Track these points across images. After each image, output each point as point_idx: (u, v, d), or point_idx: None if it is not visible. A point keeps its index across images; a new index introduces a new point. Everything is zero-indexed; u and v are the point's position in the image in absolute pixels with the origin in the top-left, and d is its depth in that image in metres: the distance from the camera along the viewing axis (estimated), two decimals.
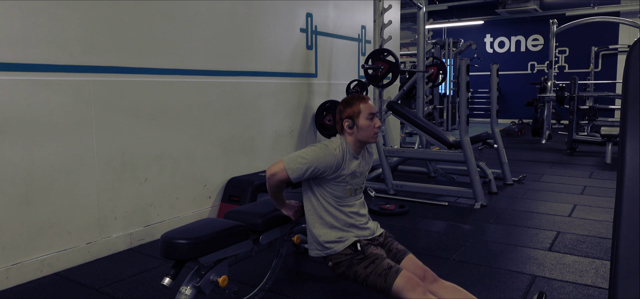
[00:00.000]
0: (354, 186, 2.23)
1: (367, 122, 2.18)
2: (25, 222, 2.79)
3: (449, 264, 2.99)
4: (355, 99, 2.21)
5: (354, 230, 2.21)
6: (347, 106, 2.21)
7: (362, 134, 2.19)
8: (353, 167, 2.20)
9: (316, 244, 2.23)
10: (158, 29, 3.50)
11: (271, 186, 2.20)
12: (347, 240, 2.17)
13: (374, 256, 2.10)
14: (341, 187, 2.18)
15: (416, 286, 1.95)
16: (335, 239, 2.18)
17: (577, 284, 2.67)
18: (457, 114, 11.42)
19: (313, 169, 2.10)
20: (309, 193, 2.23)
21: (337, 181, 2.16)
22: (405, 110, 5.21)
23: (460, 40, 12.30)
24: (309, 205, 2.24)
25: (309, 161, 2.08)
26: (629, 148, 0.97)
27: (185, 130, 3.74)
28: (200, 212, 3.91)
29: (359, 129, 2.18)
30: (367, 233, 2.25)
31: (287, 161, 2.11)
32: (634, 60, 0.97)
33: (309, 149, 2.13)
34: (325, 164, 2.10)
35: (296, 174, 2.09)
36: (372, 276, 2.04)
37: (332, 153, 2.12)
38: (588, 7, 12.26)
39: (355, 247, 2.15)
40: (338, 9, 5.71)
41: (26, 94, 2.76)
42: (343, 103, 2.23)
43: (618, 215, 0.97)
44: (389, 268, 2.02)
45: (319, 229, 2.21)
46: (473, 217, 4.04)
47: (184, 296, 1.95)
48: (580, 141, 7.65)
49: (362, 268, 2.09)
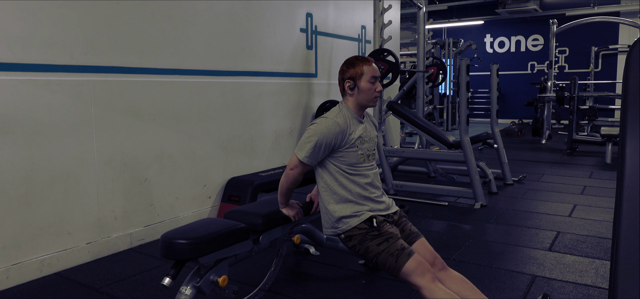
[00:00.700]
0: (365, 151, 2.19)
1: (369, 85, 2.16)
2: (25, 222, 2.79)
3: (449, 264, 2.96)
4: (359, 60, 2.18)
5: (369, 203, 2.16)
6: (350, 67, 2.17)
7: (362, 96, 2.17)
8: (359, 132, 2.17)
9: (331, 221, 2.19)
10: (158, 29, 3.50)
11: (290, 180, 2.18)
12: (363, 215, 2.13)
13: (389, 235, 2.07)
14: (353, 153, 2.14)
15: (426, 271, 1.94)
16: (351, 213, 2.14)
17: (577, 284, 2.67)
18: (457, 114, 11.42)
19: (325, 144, 2.08)
20: (320, 170, 2.20)
21: (348, 147, 2.13)
22: (405, 110, 5.21)
23: (460, 40, 12.30)
24: (322, 182, 2.21)
25: (317, 138, 2.07)
26: (629, 148, 0.97)
27: (185, 130, 3.74)
28: (200, 212, 3.91)
29: (360, 91, 2.16)
30: (382, 206, 2.20)
31: (297, 151, 2.11)
32: (634, 60, 0.97)
33: (310, 129, 2.12)
34: (333, 134, 2.08)
35: (310, 155, 2.09)
36: (384, 255, 2.02)
37: (334, 121, 2.11)
38: (588, 7, 12.26)
39: (371, 222, 2.11)
40: (338, 9, 5.71)
41: (26, 94, 2.76)
42: (346, 63, 2.20)
43: (618, 215, 0.97)
44: (402, 249, 2.00)
45: (334, 205, 2.17)
46: (473, 218, 4.04)
47: (184, 296, 1.95)
48: (580, 141, 7.65)
49: (375, 244, 2.07)
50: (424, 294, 1.91)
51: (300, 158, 2.11)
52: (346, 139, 2.12)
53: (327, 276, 2.85)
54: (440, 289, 1.92)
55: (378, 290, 2.64)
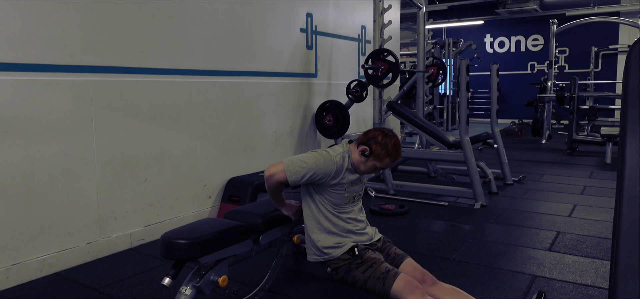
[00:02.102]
0: (352, 193, 2.23)
1: (373, 169, 2.19)
2: (25, 222, 2.79)
3: (449, 264, 2.99)
4: (390, 152, 2.15)
5: (352, 236, 2.21)
6: (380, 145, 2.14)
7: (362, 168, 2.19)
8: (352, 177, 2.21)
9: (314, 249, 2.24)
10: (158, 29, 3.50)
11: (270, 186, 2.20)
12: (345, 245, 2.17)
13: (372, 261, 2.10)
14: (339, 195, 2.18)
15: (415, 288, 1.96)
16: (333, 244, 2.18)
17: (577, 284, 2.67)
18: (457, 114, 11.42)
19: (312, 175, 2.10)
20: (308, 198, 2.23)
21: (335, 188, 2.17)
22: (405, 110, 5.21)
23: (460, 40, 12.30)
24: (308, 210, 2.24)
25: (308, 166, 2.08)
26: (629, 148, 0.97)
27: (185, 130, 3.74)
28: (200, 212, 3.91)
29: (364, 164, 2.18)
30: (365, 238, 2.25)
31: (286, 164, 2.10)
32: (634, 60, 0.97)
33: (310, 155, 2.13)
34: (325, 171, 2.11)
35: (294, 177, 2.09)
36: (371, 280, 2.05)
37: (333, 160, 2.12)
38: (588, 7, 12.26)
39: (353, 252, 2.15)
40: (338, 9, 5.71)
41: (26, 94, 2.76)
42: (382, 137, 2.15)
43: (618, 215, 0.97)
44: (387, 272, 2.03)
45: (317, 234, 2.21)
46: (473, 217, 4.04)
47: (184, 296, 1.95)
48: (580, 141, 7.65)
49: (360, 272, 2.10)
50: None
51: (285, 171, 2.10)
52: (337, 181, 2.15)
53: (327, 276, 2.84)
54: None
55: None
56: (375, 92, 4.98)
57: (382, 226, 3.73)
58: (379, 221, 3.87)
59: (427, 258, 3.06)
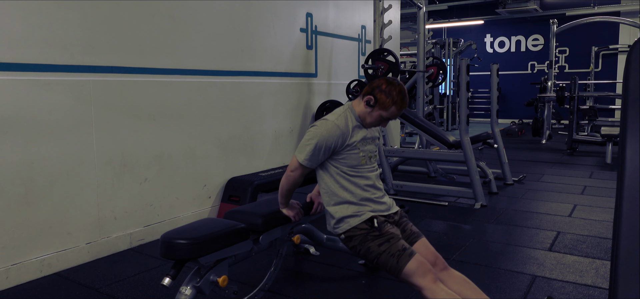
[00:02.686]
0: (367, 153, 2.18)
1: (379, 119, 2.15)
2: (25, 223, 2.79)
3: (449, 264, 2.97)
4: (395, 99, 2.11)
5: (370, 204, 2.16)
6: (385, 92, 2.11)
7: (367, 118, 2.16)
8: (362, 134, 2.17)
9: (333, 222, 2.20)
10: (158, 29, 3.49)
11: (290, 182, 2.18)
12: (364, 215, 2.13)
13: (390, 235, 2.07)
14: (354, 155, 2.14)
15: (427, 272, 1.94)
16: (352, 213, 2.14)
17: (577, 284, 2.67)
18: (457, 114, 11.42)
19: (325, 147, 2.07)
20: (322, 172, 2.20)
21: (349, 150, 2.13)
22: (405, 110, 5.21)
23: (460, 40, 12.30)
24: (323, 184, 2.20)
25: (316, 141, 2.06)
26: (629, 148, 0.97)
27: (185, 130, 3.74)
28: (200, 212, 3.91)
29: (371, 115, 2.14)
30: (383, 207, 2.20)
31: (297, 154, 2.11)
32: (634, 60, 0.97)
33: (310, 131, 2.11)
34: (333, 136, 2.07)
35: (310, 158, 2.08)
36: (385, 255, 2.02)
37: (335, 124, 2.10)
38: (588, 7, 12.26)
39: (372, 223, 2.10)
40: (338, 9, 5.71)
41: (26, 94, 2.76)
42: (386, 85, 2.12)
43: (618, 215, 0.97)
44: (403, 250, 2.00)
45: (335, 207, 2.17)
46: (473, 217, 4.04)
47: (184, 296, 1.95)
48: (580, 141, 7.65)
49: (376, 245, 2.06)
50: (426, 295, 1.91)
51: (300, 161, 2.11)
52: (347, 142, 2.12)
53: (327, 276, 2.84)
54: (442, 289, 1.91)
55: (378, 290, 2.64)
56: None
57: None
58: None
59: None
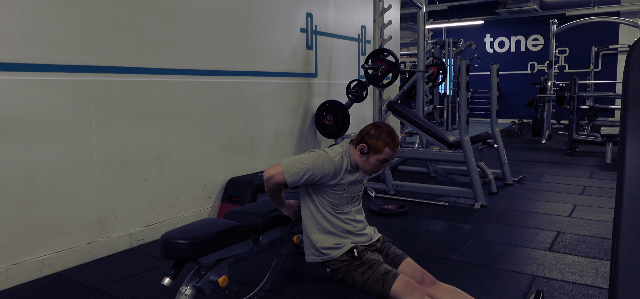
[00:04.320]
0: (351, 193, 2.22)
1: (378, 163, 2.16)
2: (25, 223, 2.79)
3: (449, 264, 2.99)
4: (388, 139, 2.13)
5: (351, 236, 2.20)
6: (375, 138, 2.13)
7: (365, 166, 2.17)
8: (351, 178, 2.20)
9: (313, 249, 2.23)
10: (158, 29, 3.49)
11: (269, 187, 2.20)
12: (344, 246, 2.17)
13: (371, 262, 2.10)
14: (338, 195, 2.17)
15: (414, 289, 1.96)
16: (332, 245, 2.17)
17: (577, 284, 2.67)
18: (457, 114, 11.42)
19: (310, 175, 2.09)
20: (307, 199, 2.22)
21: (334, 188, 2.16)
22: (405, 110, 5.21)
23: (460, 40, 12.30)
24: (307, 210, 2.24)
25: (307, 166, 2.08)
26: (629, 148, 0.97)
27: (185, 130, 3.74)
28: (200, 212, 3.91)
29: (367, 162, 2.16)
30: (364, 239, 2.24)
31: (285, 165, 2.10)
32: (634, 60, 0.97)
33: (308, 155, 2.12)
34: (323, 172, 2.10)
35: (293, 178, 2.08)
36: (370, 282, 2.04)
37: (332, 160, 2.11)
38: (588, 7, 12.26)
39: (352, 253, 2.14)
40: (338, 9, 5.71)
41: (26, 94, 2.76)
42: (375, 128, 2.15)
43: (618, 215, 0.97)
44: (387, 273, 2.02)
45: (316, 235, 2.20)
46: (473, 217, 4.04)
47: (184, 296, 1.95)
48: (580, 141, 7.65)
49: (359, 273, 2.09)
50: None
51: (284, 172, 2.09)
52: (335, 181, 2.14)
53: (327, 276, 2.84)
54: None
55: None
56: (375, 92, 4.98)
57: (382, 226, 3.73)
58: (379, 221, 3.87)
59: (427, 258, 3.06)
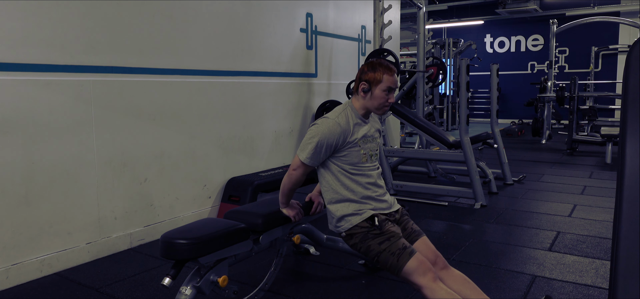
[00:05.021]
0: (368, 150, 2.18)
1: (383, 94, 2.14)
2: (25, 223, 2.79)
3: (449, 264, 2.98)
4: (381, 67, 2.14)
5: (371, 202, 2.16)
6: (370, 70, 2.14)
7: (373, 103, 2.16)
8: (363, 131, 2.17)
9: (334, 220, 2.20)
10: (158, 29, 3.49)
11: (292, 180, 2.18)
12: (364, 213, 2.13)
13: (390, 234, 2.06)
14: (355, 153, 2.14)
15: (427, 271, 1.93)
16: (353, 212, 2.14)
17: (577, 284, 2.67)
18: (457, 114, 11.42)
19: (326, 145, 2.08)
20: (323, 170, 2.20)
21: (350, 147, 2.13)
22: (405, 110, 5.21)
23: (460, 40, 12.30)
24: (324, 183, 2.21)
25: (317, 138, 2.07)
26: (629, 148, 0.97)
27: (185, 130, 3.74)
28: (200, 212, 3.91)
29: (373, 97, 2.14)
30: (384, 205, 2.20)
31: (299, 152, 2.12)
32: (634, 60, 0.97)
33: (311, 130, 2.12)
34: (334, 134, 2.08)
35: (312, 156, 2.09)
36: (385, 254, 2.02)
37: (335, 122, 2.10)
38: (588, 7, 12.26)
39: (373, 221, 2.10)
40: (338, 9, 5.71)
41: (26, 94, 2.76)
42: (368, 65, 2.17)
43: (618, 215, 0.97)
44: (404, 248, 2.00)
45: (336, 205, 2.17)
46: (473, 217, 4.04)
47: (184, 296, 1.95)
48: (580, 141, 7.65)
49: (376, 243, 2.06)
50: (426, 293, 1.91)
51: (302, 159, 2.12)
52: (348, 139, 2.12)
53: (327, 276, 2.84)
54: (442, 288, 1.91)
55: (378, 290, 2.64)
56: None
57: None
58: None
59: None
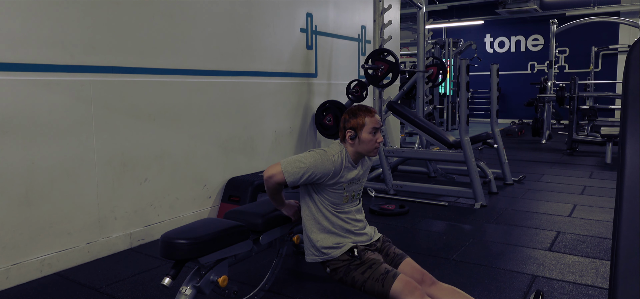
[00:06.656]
0: (351, 192, 2.23)
1: (370, 136, 2.16)
2: (25, 223, 2.79)
3: (449, 264, 2.99)
4: (361, 111, 2.18)
5: (351, 236, 2.21)
6: (351, 117, 2.18)
7: (363, 147, 2.18)
8: (351, 176, 2.20)
9: (313, 249, 2.23)
10: (158, 29, 3.49)
11: (269, 187, 2.20)
12: (344, 246, 2.17)
13: (371, 261, 2.10)
14: (338, 194, 2.18)
15: (414, 289, 1.96)
16: (333, 244, 2.17)
17: (577, 284, 2.67)
18: (457, 114, 11.41)
19: (310, 175, 2.09)
20: (307, 198, 2.23)
21: (334, 187, 2.16)
22: (405, 110, 5.21)
23: (460, 40, 12.29)
24: (307, 210, 2.24)
25: (306, 166, 2.08)
26: (629, 148, 0.97)
27: (185, 130, 3.74)
28: (200, 212, 3.91)
29: (361, 142, 2.16)
30: (364, 238, 2.24)
31: (284, 164, 2.10)
32: (634, 60, 0.97)
33: (307, 154, 2.13)
34: (323, 171, 2.10)
35: (293, 178, 2.09)
36: (370, 281, 2.05)
37: (331, 160, 2.12)
38: (588, 7, 12.26)
39: (352, 252, 2.14)
40: (338, 9, 5.71)
41: (26, 94, 2.76)
42: (348, 113, 2.21)
43: (618, 215, 0.97)
44: (387, 273, 2.03)
45: (316, 234, 2.21)
46: (473, 217, 4.04)
47: (184, 296, 1.95)
48: (580, 141, 7.65)
49: (359, 273, 2.10)
50: None
51: (284, 173, 2.10)
52: (335, 180, 2.15)
53: (327, 276, 2.84)
54: None
55: None
56: (375, 92, 4.98)
57: (382, 226, 3.73)
58: (379, 221, 3.87)
59: (427, 258, 3.06)
